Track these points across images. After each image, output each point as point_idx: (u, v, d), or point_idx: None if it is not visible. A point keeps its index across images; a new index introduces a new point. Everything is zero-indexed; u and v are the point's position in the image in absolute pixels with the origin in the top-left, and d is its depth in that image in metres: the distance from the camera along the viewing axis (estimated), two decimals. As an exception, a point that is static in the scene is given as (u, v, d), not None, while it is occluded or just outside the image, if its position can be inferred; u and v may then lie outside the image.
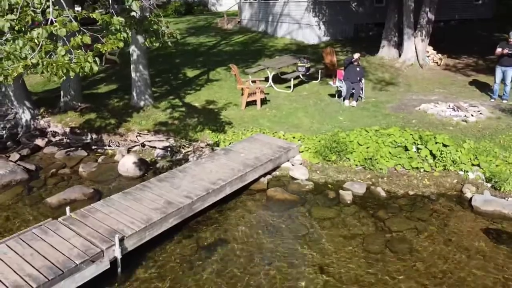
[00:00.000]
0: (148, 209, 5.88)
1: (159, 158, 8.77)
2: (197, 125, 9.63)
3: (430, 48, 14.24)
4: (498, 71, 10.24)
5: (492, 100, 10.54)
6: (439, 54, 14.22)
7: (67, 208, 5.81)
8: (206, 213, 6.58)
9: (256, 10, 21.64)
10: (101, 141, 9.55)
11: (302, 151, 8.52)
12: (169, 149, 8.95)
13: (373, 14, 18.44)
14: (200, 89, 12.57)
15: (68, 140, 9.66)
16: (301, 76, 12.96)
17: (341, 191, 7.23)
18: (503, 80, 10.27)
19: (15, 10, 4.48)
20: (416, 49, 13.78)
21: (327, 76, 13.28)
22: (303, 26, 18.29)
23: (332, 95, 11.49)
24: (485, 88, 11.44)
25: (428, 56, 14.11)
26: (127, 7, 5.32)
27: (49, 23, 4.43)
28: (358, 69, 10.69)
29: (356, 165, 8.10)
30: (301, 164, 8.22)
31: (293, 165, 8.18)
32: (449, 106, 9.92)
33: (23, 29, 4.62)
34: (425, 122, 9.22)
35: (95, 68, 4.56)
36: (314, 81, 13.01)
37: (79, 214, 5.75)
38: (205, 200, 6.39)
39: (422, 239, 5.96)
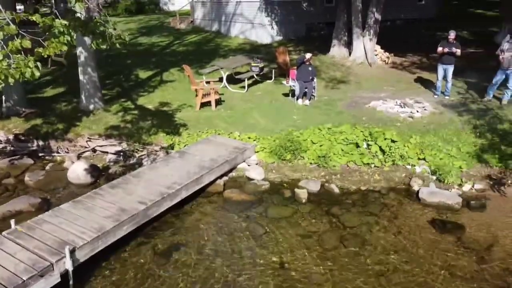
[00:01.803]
0: (100, 217, 5.69)
1: (111, 164, 8.50)
2: (151, 127, 9.44)
3: (378, 47, 14.79)
4: (440, 69, 10.81)
5: (436, 96, 11.13)
6: (386, 53, 14.81)
7: (12, 221, 5.50)
8: (162, 218, 6.46)
9: (209, 9, 21.50)
10: (48, 147, 9.11)
11: (258, 151, 8.58)
12: (121, 153, 8.70)
13: (324, 13, 18.87)
14: (153, 90, 12.32)
15: (12, 148, 9.13)
16: (255, 76, 13.04)
17: (296, 190, 7.36)
18: (445, 77, 10.86)
19: None
20: (365, 48, 14.27)
21: (281, 75, 13.45)
22: (256, 26, 18.40)
23: (286, 95, 11.65)
24: (429, 85, 12.05)
25: (376, 55, 14.65)
26: (71, 8, 5.10)
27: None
28: (310, 68, 10.90)
29: (311, 163, 8.28)
30: (257, 164, 8.28)
31: (249, 165, 8.22)
32: (396, 102, 10.36)
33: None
34: (375, 119, 9.58)
35: (37, 74, 4.35)
36: (268, 81, 13.14)
37: (25, 227, 5.46)
38: (160, 205, 6.28)
39: (374, 232, 6.20)
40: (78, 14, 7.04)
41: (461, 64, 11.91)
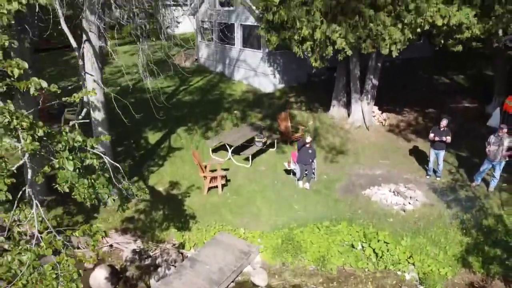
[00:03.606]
0: None
1: (128, 264, 9.33)
2: (163, 221, 10.25)
3: (375, 108, 15.49)
4: (432, 153, 11.54)
5: (428, 176, 11.88)
6: (383, 114, 15.51)
7: None
8: None
9: (213, 51, 22.13)
10: (69, 241, 9.91)
11: (262, 251, 9.39)
12: (137, 252, 9.52)
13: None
14: (163, 163, 13.09)
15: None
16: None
17: (296, 302, 8.18)
18: (437, 159, 11.60)
19: None
20: (363, 112, 14.97)
21: (283, 141, 14.21)
22: (259, 74, 19.07)
23: (288, 172, 12.39)
24: (422, 160, 12.75)
25: (374, 116, 15.35)
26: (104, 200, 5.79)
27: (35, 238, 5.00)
28: (310, 151, 11.63)
29: (310, 265, 9.09)
30: (261, 267, 9.09)
31: (254, 269, 9.03)
32: (390, 190, 11.11)
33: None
34: (370, 211, 10.35)
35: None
36: (271, 149, 13.88)
37: None
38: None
39: None
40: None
41: (455, 126, 12.75)
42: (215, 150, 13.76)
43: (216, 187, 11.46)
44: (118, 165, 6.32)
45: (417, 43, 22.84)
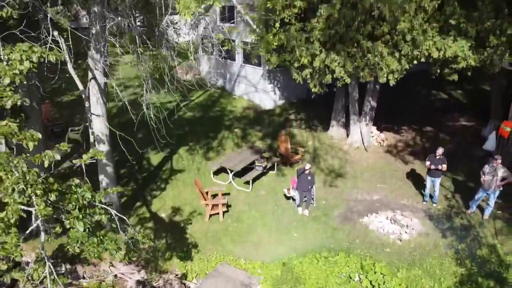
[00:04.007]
0: None
1: (132, 295, 9.64)
2: (166, 250, 10.55)
3: (374, 128, 15.76)
4: (428, 180, 11.82)
5: (424, 202, 12.17)
6: (382, 134, 15.78)
7: None
8: None
9: (214, 65, 22.36)
10: (75, 271, 10.24)
11: (262, 283, 9.69)
12: (141, 281, 9.83)
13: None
14: (165, 187, 13.38)
15: (43, 272, 10.24)
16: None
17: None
18: (433, 186, 11.89)
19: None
20: (361, 133, 15.24)
21: (283, 163, 14.49)
22: (260, 91, 19.32)
23: (287, 197, 12.67)
24: (419, 185, 13.00)
25: (372, 137, 15.62)
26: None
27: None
28: (309, 177, 11.91)
29: (309, 297, 9.39)
30: (261, 301, 9.41)
31: (254, 301, 9.35)
32: (387, 217, 11.39)
33: None
34: (367, 241, 10.64)
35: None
36: (271, 171, 14.16)
37: None
38: None
39: None
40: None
41: (452, 146, 13.14)
42: (216, 172, 14.04)
43: (218, 213, 11.75)
44: (124, 217, 6.62)
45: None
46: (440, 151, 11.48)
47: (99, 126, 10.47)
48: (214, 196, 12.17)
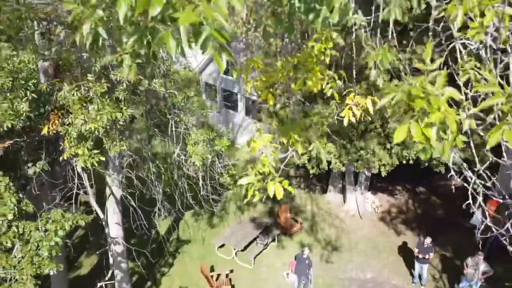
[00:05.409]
0: None
1: None
2: None
3: (369, 194, 16.68)
4: (417, 265, 12.79)
5: (413, 284, 13.14)
6: (377, 200, 16.70)
7: None
8: None
9: (217, 113, 23.21)
10: None
11: None
12: None
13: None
14: (172, 262, 14.39)
15: None
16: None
17: None
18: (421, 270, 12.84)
19: None
20: (357, 201, 16.15)
21: (283, 233, 15.45)
22: (261, 146, 20.18)
23: (287, 273, 13.67)
24: (409, 262, 13.89)
25: (367, 203, 16.55)
26: None
27: None
28: (307, 261, 12.86)
29: None
30: None
31: None
32: (378, 302, 12.38)
33: None
34: (359, 331, 11.65)
35: None
36: (272, 243, 15.12)
37: None
38: None
39: None
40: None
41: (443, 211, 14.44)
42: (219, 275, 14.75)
43: (223, 295, 12.78)
44: None
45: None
46: (427, 240, 12.40)
47: (115, 230, 11.37)
48: (219, 275, 13.17)
